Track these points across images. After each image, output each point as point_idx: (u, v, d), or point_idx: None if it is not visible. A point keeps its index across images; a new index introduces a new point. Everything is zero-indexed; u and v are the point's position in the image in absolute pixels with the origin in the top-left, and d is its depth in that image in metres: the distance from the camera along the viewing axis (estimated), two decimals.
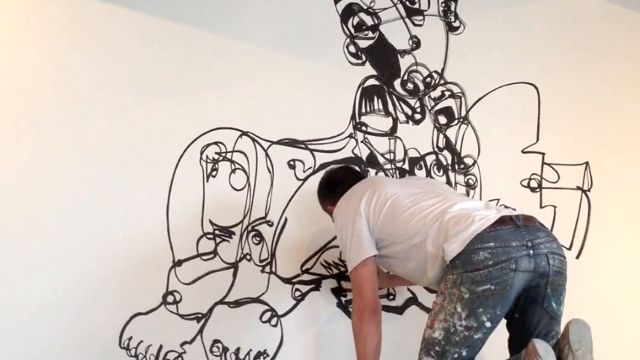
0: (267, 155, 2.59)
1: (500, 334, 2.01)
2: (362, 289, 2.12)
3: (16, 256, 2.23)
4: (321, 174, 2.56)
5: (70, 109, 2.34)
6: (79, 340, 2.28)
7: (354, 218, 2.14)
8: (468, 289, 1.86)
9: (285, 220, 2.60)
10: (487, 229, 1.91)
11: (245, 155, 2.56)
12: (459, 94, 2.95)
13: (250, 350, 2.50)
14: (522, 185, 3.03)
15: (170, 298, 2.40)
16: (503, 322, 2.00)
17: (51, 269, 2.26)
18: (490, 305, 1.86)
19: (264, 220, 2.57)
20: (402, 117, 2.84)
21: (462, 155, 2.93)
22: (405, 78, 2.87)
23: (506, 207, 2.67)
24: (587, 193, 3.13)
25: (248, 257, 2.52)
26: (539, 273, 1.90)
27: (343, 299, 2.65)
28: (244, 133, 2.57)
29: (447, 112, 2.93)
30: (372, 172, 2.75)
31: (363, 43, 2.82)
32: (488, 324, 1.87)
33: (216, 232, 2.49)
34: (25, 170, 2.27)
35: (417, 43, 2.90)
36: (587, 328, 1.90)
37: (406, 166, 2.82)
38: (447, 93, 2.94)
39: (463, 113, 2.95)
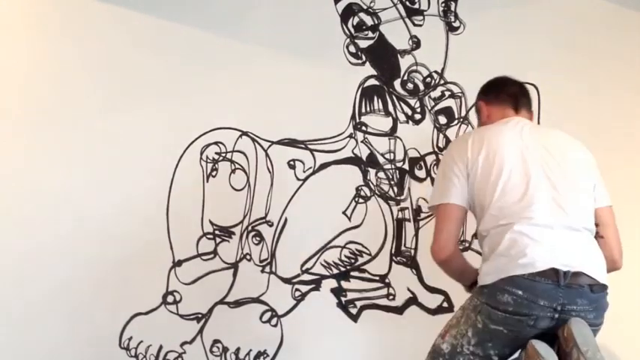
0: (267, 155, 2.59)
1: None
2: (436, 229, 1.95)
3: (16, 256, 2.23)
4: (321, 174, 2.57)
5: (70, 109, 2.34)
6: (79, 340, 2.28)
7: (453, 166, 1.94)
8: (483, 321, 1.82)
9: (285, 220, 2.59)
10: (525, 275, 1.79)
11: (245, 155, 2.56)
12: (459, 94, 2.95)
13: (250, 350, 2.50)
14: None
15: (170, 298, 2.40)
16: None
17: (51, 269, 2.26)
18: (499, 344, 1.83)
19: (264, 220, 2.56)
20: (402, 117, 2.84)
21: None
22: (405, 78, 2.87)
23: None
24: None
25: (248, 257, 2.52)
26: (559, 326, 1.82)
27: (343, 299, 2.64)
28: (244, 133, 2.57)
29: (447, 112, 2.93)
30: (372, 172, 2.74)
31: (363, 43, 2.82)
32: (495, 358, 1.85)
33: (216, 232, 2.49)
34: (24, 170, 2.27)
35: (417, 43, 2.90)
36: (587, 326, 1.89)
37: (406, 166, 2.82)
38: (447, 93, 2.93)
39: (463, 113, 2.95)
